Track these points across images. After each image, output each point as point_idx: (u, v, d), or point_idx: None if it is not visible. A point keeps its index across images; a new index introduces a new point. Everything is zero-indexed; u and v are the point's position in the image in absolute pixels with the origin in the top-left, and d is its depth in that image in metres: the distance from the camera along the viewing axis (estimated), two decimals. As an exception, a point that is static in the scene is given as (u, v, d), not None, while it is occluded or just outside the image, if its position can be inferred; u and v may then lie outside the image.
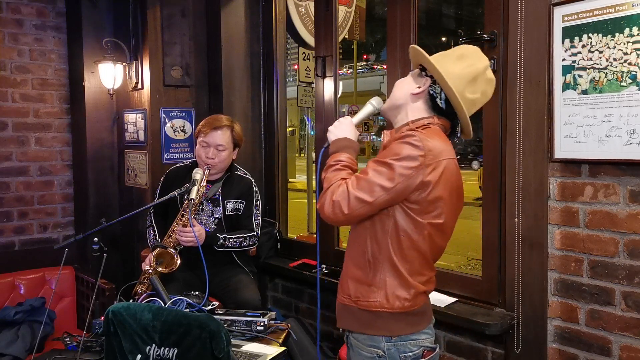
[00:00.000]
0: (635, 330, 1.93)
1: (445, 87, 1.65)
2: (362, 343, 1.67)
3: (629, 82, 1.86)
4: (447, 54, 1.70)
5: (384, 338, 1.64)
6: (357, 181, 1.57)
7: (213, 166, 2.78)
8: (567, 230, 2.09)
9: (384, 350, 1.63)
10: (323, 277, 3.01)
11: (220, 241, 2.73)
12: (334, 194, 1.58)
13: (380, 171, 1.55)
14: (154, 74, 3.47)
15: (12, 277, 3.41)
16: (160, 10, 3.45)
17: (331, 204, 1.58)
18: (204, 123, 2.87)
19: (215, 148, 2.78)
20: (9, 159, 3.70)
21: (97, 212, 3.69)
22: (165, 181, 2.93)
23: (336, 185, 1.60)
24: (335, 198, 1.57)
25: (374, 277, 1.63)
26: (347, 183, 1.58)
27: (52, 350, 2.39)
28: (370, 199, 1.55)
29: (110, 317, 1.92)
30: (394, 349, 1.63)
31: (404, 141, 1.56)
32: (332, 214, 1.58)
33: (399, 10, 2.69)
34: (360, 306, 1.65)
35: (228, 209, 2.84)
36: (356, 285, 1.67)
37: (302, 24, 3.94)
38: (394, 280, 1.62)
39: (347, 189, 1.57)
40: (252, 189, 2.92)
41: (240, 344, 2.13)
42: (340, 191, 1.57)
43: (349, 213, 1.57)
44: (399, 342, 1.64)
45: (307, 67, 5.00)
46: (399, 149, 1.55)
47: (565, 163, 2.07)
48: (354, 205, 1.56)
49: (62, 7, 3.84)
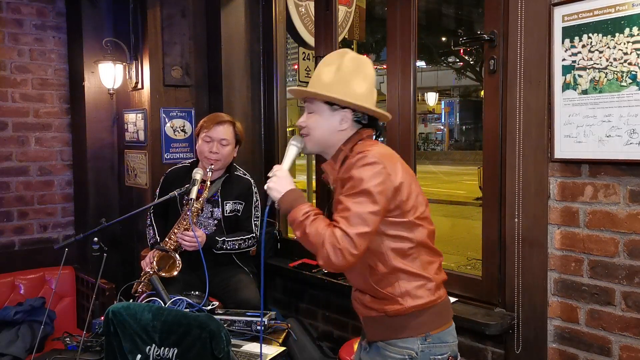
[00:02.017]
0: (635, 330, 1.93)
1: (365, 110, 1.72)
2: (394, 347, 1.66)
3: (629, 82, 1.86)
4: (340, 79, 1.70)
5: (419, 339, 1.64)
6: (346, 220, 1.55)
7: (216, 162, 2.76)
8: (567, 230, 2.09)
9: (416, 352, 1.64)
10: (323, 276, 3.01)
11: (219, 244, 2.72)
12: (334, 242, 1.53)
13: (361, 201, 1.56)
14: (154, 74, 3.47)
15: (12, 277, 3.41)
16: (160, 10, 3.45)
17: (337, 253, 1.53)
18: (205, 119, 2.87)
19: (219, 143, 2.78)
20: (9, 159, 3.70)
21: (97, 212, 3.69)
22: (165, 182, 2.93)
23: (330, 234, 1.55)
24: (339, 245, 1.52)
25: (392, 289, 1.64)
26: (339, 226, 1.55)
27: (52, 350, 2.39)
28: (368, 228, 1.56)
29: (110, 317, 1.92)
30: (427, 350, 1.65)
31: (361, 165, 1.59)
32: (342, 261, 1.53)
33: (399, 10, 2.69)
34: (390, 314, 1.65)
35: (227, 210, 2.84)
36: (378, 302, 1.67)
37: (302, 24, 3.93)
38: (412, 281, 1.65)
39: (343, 232, 1.54)
40: (252, 189, 2.91)
41: (240, 344, 2.13)
42: (339, 237, 1.53)
43: (358, 252, 1.55)
44: (432, 344, 1.65)
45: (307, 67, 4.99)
46: (361, 173, 1.58)
47: (565, 163, 2.07)
48: (358, 242, 1.54)
49: (62, 7, 3.84)
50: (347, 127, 1.73)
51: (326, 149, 1.77)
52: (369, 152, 1.62)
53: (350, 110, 1.72)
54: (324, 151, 1.79)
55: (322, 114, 1.74)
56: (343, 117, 1.72)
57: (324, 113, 1.73)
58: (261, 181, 3.64)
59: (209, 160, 2.77)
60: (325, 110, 1.73)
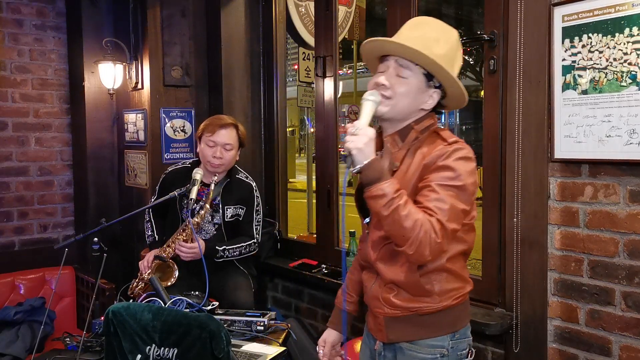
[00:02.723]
0: (635, 330, 1.93)
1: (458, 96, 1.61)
2: (423, 347, 1.60)
3: (629, 82, 1.86)
4: (450, 56, 1.55)
5: (449, 335, 1.61)
6: (443, 213, 1.44)
7: (219, 166, 2.73)
8: (567, 230, 2.09)
9: (447, 349, 1.60)
10: (323, 276, 3.01)
11: (220, 254, 2.69)
12: (432, 234, 1.42)
13: (457, 195, 1.47)
14: (154, 74, 3.47)
15: (12, 277, 3.41)
16: (160, 10, 3.45)
17: (433, 244, 1.42)
18: (208, 122, 2.80)
19: (222, 147, 2.73)
20: (9, 159, 3.70)
21: (97, 212, 3.69)
22: (164, 182, 2.90)
23: (428, 224, 1.42)
24: (438, 238, 1.42)
25: (433, 287, 1.57)
26: (438, 217, 1.43)
27: (52, 350, 2.39)
28: (458, 226, 1.50)
29: (110, 317, 1.92)
30: (456, 346, 1.62)
31: (459, 157, 1.50)
32: (434, 254, 1.45)
33: (399, 10, 2.69)
34: (422, 312, 1.58)
35: (227, 215, 2.79)
36: (411, 298, 1.59)
37: (302, 24, 3.94)
38: (452, 282, 1.60)
39: (442, 225, 1.43)
40: (253, 193, 2.86)
41: (240, 344, 2.13)
42: (437, 229, 1.42)
43: (447, 249, 1.49)
44: (458, 339, 1.63)
45: (307, 67, 5.00)
46: (459, 166, 1.48)
47: (565, 163, 2.07)
48: (449, 238, 1.47)
49: (62, 7, 3.84)
50: (429, 108, 1.60)
51: (397, 122, 1.60)
52: (463, 144, 1.52)
53: (439, 92, 1.59)
54: (392, 122, 1.60)
55: (416, 84, 1.56)
56: (431, 96, 1.59)
57: (419, 85, 1.57)
58: (262, 181, 3.67)
59: (212, 165, 2.72)
60: (422, 82, 1.57)
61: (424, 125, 1.61)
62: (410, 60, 1.56)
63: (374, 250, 1.62)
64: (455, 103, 1.64)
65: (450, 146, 1.52)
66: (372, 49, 1.64)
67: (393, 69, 1.58)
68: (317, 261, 3.23)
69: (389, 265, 1.59)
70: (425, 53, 1.51)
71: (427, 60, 1.52)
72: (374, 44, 1.61)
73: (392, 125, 1.62)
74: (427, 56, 1.51)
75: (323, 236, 3.26)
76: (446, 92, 1.61)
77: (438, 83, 1.59)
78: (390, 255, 1.59)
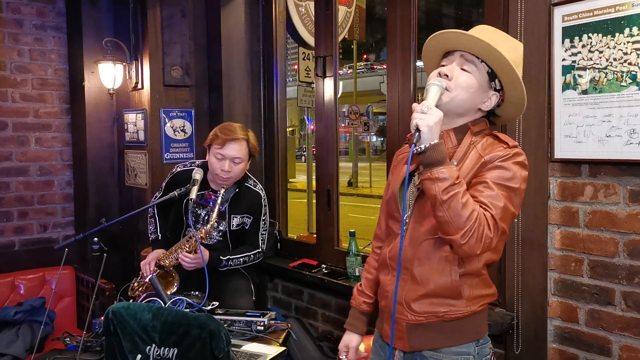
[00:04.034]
0: (635, 330, 1.93)
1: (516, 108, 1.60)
2: (445, 355, 1.56)
3: (629, 82, 1.86)
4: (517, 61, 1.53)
5: (474, 343, 1.57)
6: (497, 210, 1.42)
7: (227, 180, 2.63)
8: (567, 230, 2.09)
9: (474, 355, 1.56)
10: (323, 276, 3.01)
11: (224, 263, 2.65)
12: (486, 228, 1.40)
13: (510, 197, 1.46)
14: (154, 74, 3.47)
15: (12, 277, 3.41)
16: (160, 10, 3.45)
17: (485, 239, 1.40)
18: (218, 133, 2.64)
19: (231, 161, 2.60)
20: (9, 159, 3.70)
21: (97, 212, 3.69)
22: (170, 183, 2.81)
23: (484, 217, 1.40)
24: (491, 234, 1.41)
25: (464, 290, 1.54)
26: (493, 214, 1.42)
27: (52, 350, 2.39)
28: (507, 227, 1.48)
29: (110, 317, 1.92)
30: (481, 351, 1.58)
31: (517, 161, 1.49)
32: (483, 249, 1.42)
33: (399, 10, 2.69)
34: (447, 318, 1.54)
35: (234, 224, 2.73)
36: (439, 302, 1.54)
37: (302, 24, 3.94)
38: (481, 287, 1.58)
39: (496, 222, 1.41)
40: (261, 203, 2.78)
41: (240, 344, 2.13)
42: (492, 225, 1.41)
43: (495, 245, 1.46)
44: (482, 345, 1.59)
45: (307, 67, 5.00)
46: (516, 170, 1.48)
47: (565, 163, 2.07)
48: (499, 237, 1.45)
49: (62, 7, 3.84)
50: (486, 110, 1.59)
51: (451, 116, 1.55)
52: (521, 150, 1.52)
53: (498, 96, 1.57)
54: (450, 115, 1.54)
55: (478, 81, 1.54)
56: (489, 98, 1.56)
57: (481, 82, 1.54)
58: (262, 181, 3.66)
59: (220, 178, 2.63)
60: (484, 80, 1.54)
61: (480, 128, 1.58)
62: (477, 55, 1.54)
63: (412, 247, 1.56)
64: (513, 111, 1.62)
65: (511, 149, 1.50)
66: (438, 43, 1.60)
67: (457, 63, 1.56)
68: (317, 261, 3.23)
69: (425, 263, 1.54)
70: (495, 47, 1.48)
71: (496, 54, 1.49)
72: (442, 36, 1.57)
73: (448, 119, 1.54)
74: (496, 50, 1.48)
75: (323, 236, 3.26)
76: (504, 99, 1.59)
77: (499, 86, 1.56)
78: (428, 253, 1.54)
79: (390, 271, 1.63)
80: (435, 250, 1.52)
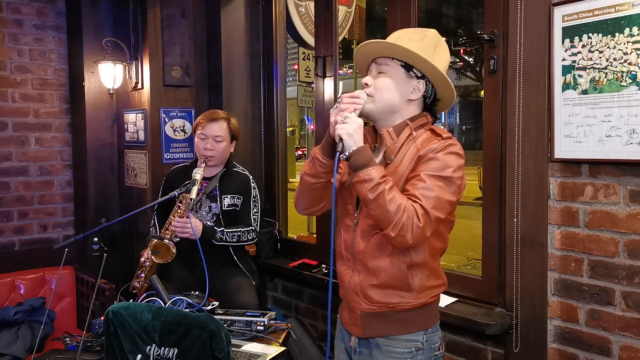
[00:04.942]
0: (635, 330, 1.93)
1: (445, 88, 1.67)
2: (396, 342, 1.66)
3: (629, 82, 1.86)
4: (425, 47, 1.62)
5: (422, 331, 1.67)
6: (428, 200, 1.50)
7: (211, 158, 2.81)
8: (567, 230, 2.09)
9: (422, 343, 1.66)
10: (323, 276, 3.01)
11: (219, 235, 2.73)
12: (414, 218, 1.48)
13: (443, 186, 1.53)
14: (154, 74, 3.47)
15: (12, 277, 3.40)
16: (160, 10, 3.45)
17: (415, 229, 1.48)
18: (201, 117, 2.93)
19: (213, 139, 2.83)
20: (9, 159, 3.69)
21: (97, 212, 3.69)
22: (166, 182, 2.98)
23: (411, 208, 1.48)
24: (420, 223, 1.48)
25: (413, 281, 1.63)
26: (421, 204, 1.49)
27: (52, 350, 2.39)
28: (443, 215, 1.54)
29: (110, 317, 1.92)
30: (430, 339, 1.68)
31: (449, 152, 1.56)
32: (416, 239, 1.50)
33: (399, 10, 2.69)
34: (398, 309, 1.64)
35: (225, 204, 2.86)
36: (391, 293, 1.64)
37: (302, 24, 3.94)
38: (431, 278, 1.66)
39: (425, 211, 1.49)
40: (250, 184, 2.94)
41: (240, 344, 2.13)
42: (420, 214, 1.48)
43: (429, 235, 1.52)
44: (431, 333, 1.69)
45: (307, 67, 4.99)
46: (448, 160, 1.55)
47: (565, 163, 2.07)
48: (434, 226, 1.52)
49: (62, 7, 3.83)
50: (416, 99, 1.67)
51: (386, 116, 1.67)
52: (454, 141, 1.59)
53: (424, 83, 1.65)
54: (381, 117, 1.67)
55: (395, 77, 1.65)
56: (416, 87, 1.65)
57: (399, 77, 1.65)
58: (262, 181, 3.67)
59: (204, 155, 2.82)
60: (400, 74, 1.65)
61: (418, 123, 1.67)
62: (386, 56, 1.66)
63: (363, 240, 1.65)
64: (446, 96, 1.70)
65: (444, 141, 1.59)
66: (359, 60, 1.76)
67: (374, 70, 1.69)
68: (317, 261, 3.23)
69: (376, 255, 1.63)
70: (394, 43, 1.61)
71: (398, 49, 1.61)
72: (358, 55, 1.74)
73: (385, 121, 1.68)
74: (398, 45, 1.60)
75: (323, 236, 3.26)
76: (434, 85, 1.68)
77: (420, 73, 1.65)
78: (378, 245, 1.63)
79: (345, 262, 1.73)
80: (385, 243, 1.61)
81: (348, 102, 1.59)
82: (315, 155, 1.66)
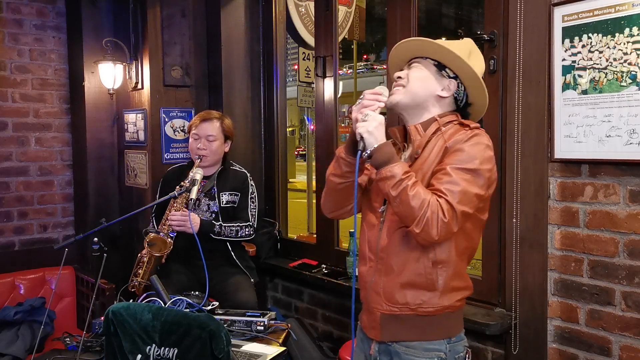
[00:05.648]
0: (635, 330, 1.93)
1: (478, 91, 1.65)
2: (417, 350, 1.59)
3: (629, 82, 1.86)
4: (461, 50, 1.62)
5: (445, 340, 1.60)
6: (453, 195, 1.45)
7: (204, 157, 2.84)
8: (567, 230, 2.09)
9: (445, 352, 1.59)
10: (323, 276, 3.01)
11: (217, 228, 2.75)
12: (439, 213, 1.44)
13: (470, 179, 1.48)
14: (154, 74, 3.47)
15: (12, 277, 3.40)
16: (160, 10, 3.45)
17: (440, 224, 1.43)
18: (195, 117, 2.97)
19: (205, 139, 2.86)
20: (9, 159, 3.69)
21: (97, 212, 3.69)
22: (163, 183, 3.00)
23: (435, 203, 1.44)
24: (445, 218, 1.44)
25: (438, 279, 1.56)
26: (446, 198, 1.45)
27: (52, 350, 2.39)
28: (471, 210, 1.49)
29: (110, 317, 1.92)
30: (453, 349, 1.61)
31: (475, 143, 1.52)
32: (441, 235, 1.45)
33: (399, 10, 2.69)
34: (420, 313, 1.57)
35: (223, 201, 2.88)
36: (415, 293, 1.57)
37: (302, 24, 3.94)
38: (455, 279, 1.59)
39: (450, 206, 1.44)
40: (247, 181, 2.96)
41: (240, 344, 2.13)
42: (445, 209, 1.44)
43: (456, 231, 1.48)
44: (455, 342, 1.61)
45: (307, 67, 4.99)
46: (474, 151, 1.51)
47: (565, 163, 2.07)
48: (461, 221, 1.47)
49: (62, 7, 3.83)
50: (446, 97, 1.64)
51: (414, 108, 1.64)
52: (482, 131, 1.55)
53: (455, 83, 1.64)
54: (409, 109, 1.64)
55: (428, 71, 1.64)
56: (447, 86, 1.63)
57: (431, 73, 1.64)
58: (262, 181, 3.67)
59: (197, 154, 2.86)
60: (433, 71, 1.64)
61: (447, 119, 1.63)
62: (420, 56, 1.66)
63: (388, 236, 1.61)
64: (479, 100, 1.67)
65: (471, 131, 1.55)
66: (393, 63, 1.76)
67: (406, 67, 1.69)
68: (317, 261, 3.23)
69: (400, 251, 1.58)
70: (428, 40, 1.60)
71: (432, 45, 1.61)
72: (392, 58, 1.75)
73: (414, 115, 1.65)
74: (433, 42, 1.60)
75: (323, 236, 3.26)
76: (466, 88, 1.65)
77: (453, 74, 1.64)
78: (402, 241, 1.58)
79: (367, 262, 1.68)
80: (409, 238, 1.56)
81: (370, 99, 1.57)
82: (340, 154, 1.64)
